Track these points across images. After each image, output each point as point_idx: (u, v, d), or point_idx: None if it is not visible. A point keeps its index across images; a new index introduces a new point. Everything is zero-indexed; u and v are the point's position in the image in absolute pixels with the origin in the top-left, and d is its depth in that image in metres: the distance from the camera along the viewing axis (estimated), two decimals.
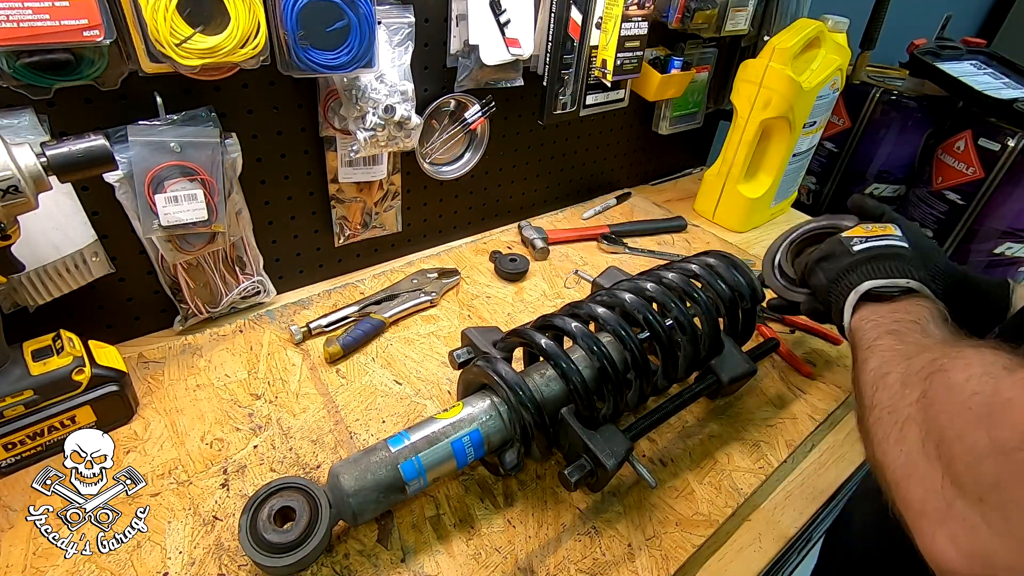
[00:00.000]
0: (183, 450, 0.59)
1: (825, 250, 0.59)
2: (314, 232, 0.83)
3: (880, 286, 0.50)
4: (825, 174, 1.55)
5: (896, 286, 0.50)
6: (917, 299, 0.49)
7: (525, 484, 0.59)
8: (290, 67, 0.60)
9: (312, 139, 0.75)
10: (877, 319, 0.48)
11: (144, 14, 0.50)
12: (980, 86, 1.28)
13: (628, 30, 0.86)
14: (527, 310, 0.84)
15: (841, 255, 0.56)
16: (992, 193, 1.29)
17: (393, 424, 0.64)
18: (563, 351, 0.54)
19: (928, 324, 0.45)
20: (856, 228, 0.58)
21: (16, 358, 0.55)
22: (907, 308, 0.48)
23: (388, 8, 0.69)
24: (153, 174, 0.60)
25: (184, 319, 0.74)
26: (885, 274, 0.51)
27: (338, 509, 0.48)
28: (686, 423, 0.68)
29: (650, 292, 0.59)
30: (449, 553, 0.52)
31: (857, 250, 0.55)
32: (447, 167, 0.91)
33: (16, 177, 0.45)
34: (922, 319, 0.46)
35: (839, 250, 0.57)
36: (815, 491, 0.62)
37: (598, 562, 0.53)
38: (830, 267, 0.57)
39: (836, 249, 0.57)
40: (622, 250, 1.01)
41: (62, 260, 0.61)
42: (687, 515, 0.57)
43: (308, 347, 0.74)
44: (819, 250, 0.60)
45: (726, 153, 1.07)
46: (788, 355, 0.78)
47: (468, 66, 0.80)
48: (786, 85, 0.94)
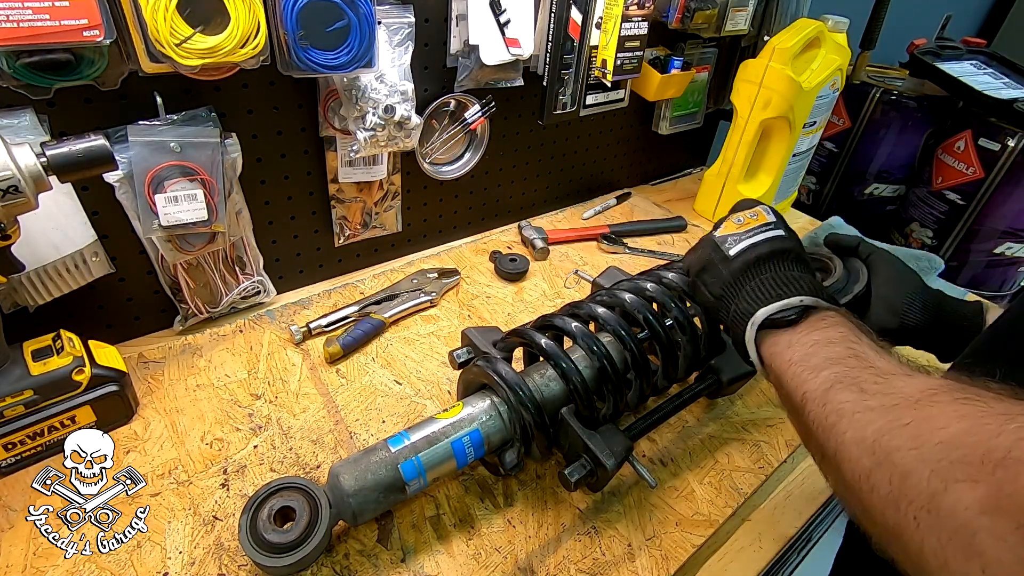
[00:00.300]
0: (183, 450, 0.59)
1: (702, 258, 0.52)
2: (314, 232, 0.83)
3: (775, 312, 0.44)
4: (825, 174, 1.55)
5: (790, 307, 0.44)
6: (824, 317, 0.43)
7: (525, 484, 0.59)
8: (290, 67, 0.60)
9: (312, 139, 0.75)
10: (798, 357, 0.41)
11: (144, 14, 0.50)
12: (980, 86, 1.28)
13: (628, 30, 0.86)
14: (527, 310, 0.84)
15: (719, 262, 0.50)
16: (992, 193, 1.29)
17: (393, 424, 0.64)
18: (563, 351, 0.54)
19: (868, 354, 0.38)
20: (727, 223, 0.52)
21: (16, 358, 0.55)
22: (824, 335, 0.41)
23: (388, 8, 0.69)
24: (153, 174, 0.60)
25: (184, 319, 0.74)
26: (774, 295, 0.45)
27: (338, 509, 0.48)
28: (686, 423, 0.68)
29: (650, 292, 0.59)
30: (449, 553, 0.52)
31: (734, 253, 0.49)
32: (447, 167, 0.91)
33: (16, 177, 0.45)
34: (855, 350, 0.39)
35: (716, 256, 0.50)
36: (815, 491, 0.62)
37: (598, 562, 0.53)
38: (711, 280, 0.51)
39: (713, 256, 0.51)
40: (622, 250, 1.01)
41: (62, 260, 0.61)
42: (687, 515, 0.57)
43: (308, 347, 0.74)
44: (695, 257, 0.54)
45: (726, 153, 1.07)
46: None
47: (468, 66, 0.80)
48: (786, 85, 0.94)
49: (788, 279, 0.46)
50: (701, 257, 0.53)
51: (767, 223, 0.51)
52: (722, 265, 0.50)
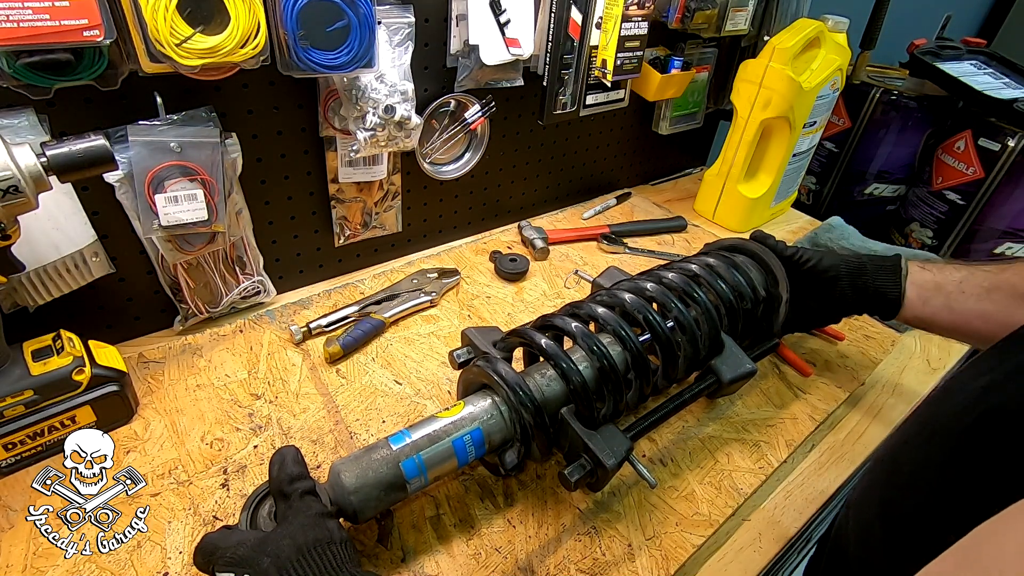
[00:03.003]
0: (183, 450, 0.59)
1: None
2: (314, 232, 0.83)
3: None
4: (825, 174, 1.55)
5: None
6: None
7: (525, 484, 0.59)
8: (290, 67, 0.60)
9: (312, 139, 0.75)
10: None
11: (144, 14, 0.50)
12: (980, 86, 1.28)
13: (628, 30, 0.86)
14: (527, 310, 0.84)
15: None
16: (992, 193, 1.29)
17: (393, 424, 0.64)
18: (563, 351, 0.54)
19: None
20: None
21: (16, 358, 0.55)
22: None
23: (388, 8, 0.69)
24: (153, 174, 0.60)
25: (184, 319, 0.74)
26: None
27: (339, 507, 0.48)
28: (686, 423, 0.68)
29: (650, 292, 0.59)
30: (449, 553, 0.52)
31: None
32: (447, 167, 0.91)
33: (16, 177, 0.45)
34: None
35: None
36: (815, 491, 0.62)
37: (598, 562, 0.53)
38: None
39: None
40: (622, 250, 1.01)
41: (62, 260, 0.61)
42: (687, 515, 0.57)
43: (308, 347, 0.74)
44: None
45: (726, 153, 1.07)
46: (786, 355, 0.78)
47: (468, 66, 0.80)
48: (786, 85, 0.94)
49: None
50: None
51: None
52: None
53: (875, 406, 0.74)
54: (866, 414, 0.73)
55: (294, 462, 0.45)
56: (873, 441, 0.69)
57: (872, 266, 0.63)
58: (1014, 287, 0.52)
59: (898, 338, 0.85)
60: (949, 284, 0.57)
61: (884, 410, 0.74)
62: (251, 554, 0.39)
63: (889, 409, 0.74)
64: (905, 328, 0.87)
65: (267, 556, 0.38)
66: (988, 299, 0.53)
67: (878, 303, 0.62)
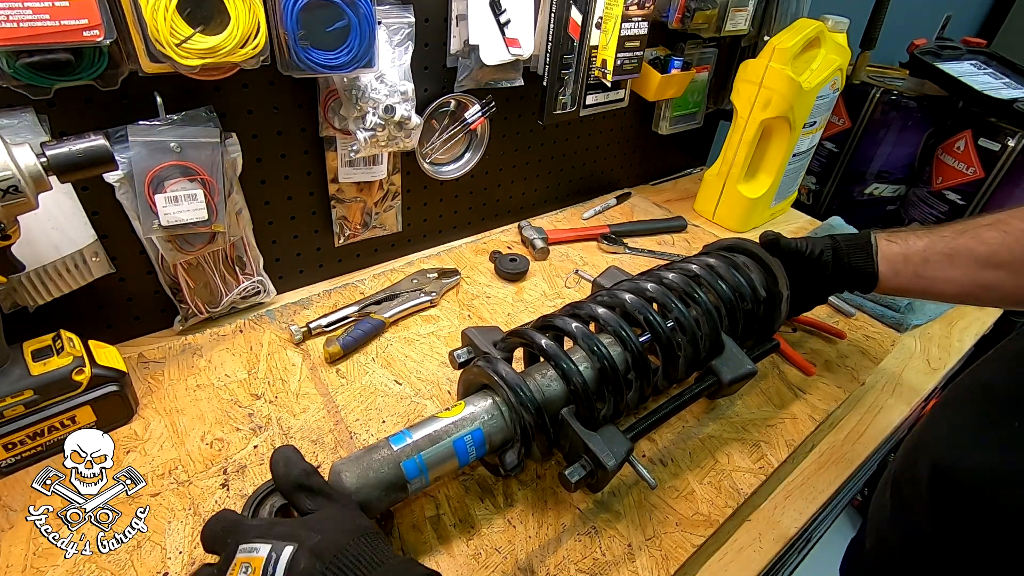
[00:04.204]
0: (183, 450, 0.59)
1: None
2: (314, 232, 0.83)
3: None
4: (825, 174, 1.55)
5: None
6: None
7: (525, 484, 0.59)
8: (290, 67, 0.60)
9: (312, 139, 0.75)
10: None
11: (144, 14, 0.50)
12: (980, 86, 1.28)
13: (628, 30, 0.86)
14: (527, 310, 0.84)
15: None
16: (992, 193, 1.29)
17: (393, 424, 0.64)
18: (563, 351, 0.54)
19: None
20: None
21: (16, 358, 0.55)
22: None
23: (388, 8, 0.69)
24: (153, 174, 0.60)
25: (184, 319, 0.74)
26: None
27: None
28: (686, 423, 0.68)
29: (650, 292, 0.59)
30: (449, 553, 0.52)
31: None
32: (447, 167, 0.91)
33: (16, 177, 0.45)
34: None
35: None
36: (815, 491, 0.62)
37: (598, 562, 0.53)
38: None
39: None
40: (622, 250, 1.01)
41: (62, 260, 0.61)
42: (687, 515, 0.57)
43: (308, 347, 0.74)
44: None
45: (726, 153, 1.07)
46: (788, 355, 0.78)
47: (468, 66, 0.80)
48: (786, 85, 0.94)
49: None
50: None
51: None
52: None
53: (875, 406, 0.74)
54: (866, 414, 0.73)
55: (301, 459, 0.45)
56: (873, 441, 0.69)
57: (846, 245, 0.66)
58: (971, 251, 0.57)
59: (898, 338, 0.85)
60: (914, 254, 0.62)
61: (884, 410, 0.74)
62: (295, 531, 0.38)
63: (889, 409, 0.74)
64: (905, 328, 0.87)
65: (315, 533, 0.38)
66: (950, 265, 0.59)
67: (856, 279, 0.65)
